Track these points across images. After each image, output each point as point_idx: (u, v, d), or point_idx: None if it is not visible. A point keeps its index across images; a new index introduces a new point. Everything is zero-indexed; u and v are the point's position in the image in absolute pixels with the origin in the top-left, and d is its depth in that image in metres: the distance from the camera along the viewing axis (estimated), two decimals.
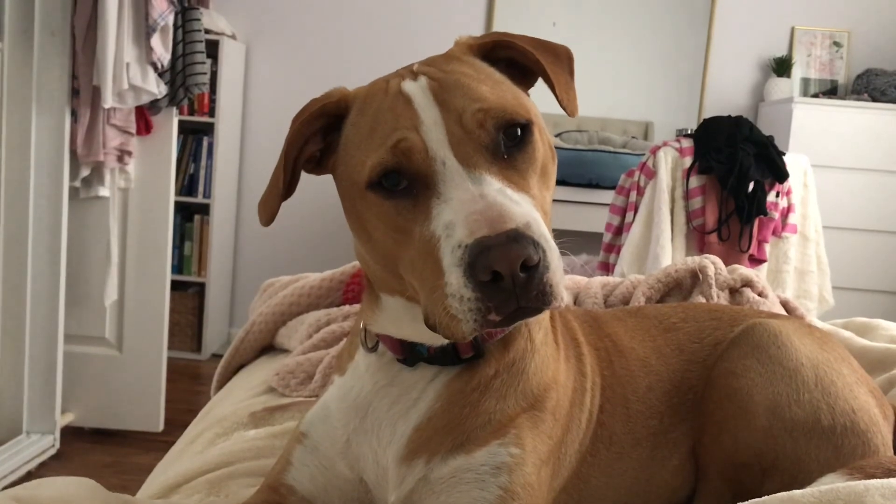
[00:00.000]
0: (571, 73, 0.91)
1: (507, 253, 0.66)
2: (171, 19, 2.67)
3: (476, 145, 0.75)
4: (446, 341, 0.84)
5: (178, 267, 4.02)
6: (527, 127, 0.78)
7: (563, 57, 0.91)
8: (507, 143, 0.77)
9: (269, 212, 0.85)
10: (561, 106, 0.87)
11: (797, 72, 4.09)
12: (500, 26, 4.11)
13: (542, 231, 0.70)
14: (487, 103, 0.76)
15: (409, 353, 0.87)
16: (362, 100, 0.83)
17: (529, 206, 0.73)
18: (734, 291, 1.56)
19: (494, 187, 0.72)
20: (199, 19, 2.82)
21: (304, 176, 0.88)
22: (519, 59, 0.88)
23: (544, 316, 0.94)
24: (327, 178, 0.88)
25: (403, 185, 0.75)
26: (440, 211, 0.72)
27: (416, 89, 0.78)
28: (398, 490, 0.85)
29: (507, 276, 0.67)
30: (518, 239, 0.67)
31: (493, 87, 0.80)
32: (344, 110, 0.84)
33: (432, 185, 0.74)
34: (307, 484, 0.91)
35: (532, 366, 0.89)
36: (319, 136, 0.86)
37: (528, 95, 0.88)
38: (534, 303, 0.69)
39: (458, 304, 0.69)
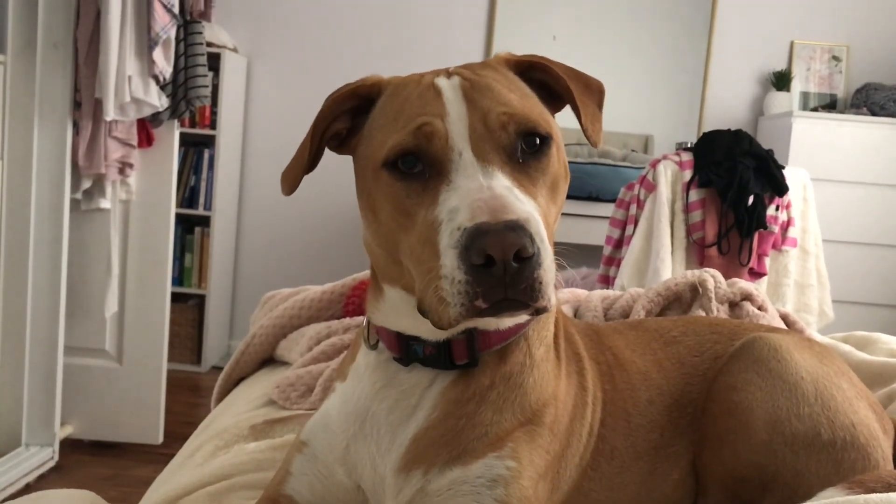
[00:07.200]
0: (600, 105, 0.95)
1: (503, 239, 0.68)
2: (173, 33, 2.68)
3: (494, 144, 0.78)
4: (442, 338, 0.85)
5: (179, 279, 4.02)
6: (546, 139, 0.82)
7: (594, 89, 0.95)
8: (524, 150, 0.80)
9: (291, 182, 0.88)
10: (585, 135, 0.91)
11: (796, 86, 4.11)
12: (500, 41, 4.12)
13: (540, 230, 0.72)
14: (513, 108, 0.80)
15: (405, 352, 0.88)
16: (394, 87, 0.87)
17: (532, 208, 0.75)
18: (734, 305, 1.56)
19: (503, 183, 0.75)
20: (201, 32, 2.83)
21: (306, 190, 0.89)
22: (551, 84, 0.91)
23: (547, 332, 0.94)
24: (328, 194, 0.89)
25: (418, 168, 0.78)
26: (447, 197, 0.75)
27: (447, 85, 0.82)
28: (396, 500, 0.85)
29: (500, 263, 0.68)
30: (515, 228, 0.69)
31: (522, 97, 0.84)
32: (376, 95, 0.88)
33: (445, 173, 0.77)
34: (306, 494, 0.91)
35: (530, 380, 0.89)
36: (348, 115, 0.89)
37: (554, 118, 0.91)
38: (521, 296, 0.71)
39: (449, 287, 0.71)
